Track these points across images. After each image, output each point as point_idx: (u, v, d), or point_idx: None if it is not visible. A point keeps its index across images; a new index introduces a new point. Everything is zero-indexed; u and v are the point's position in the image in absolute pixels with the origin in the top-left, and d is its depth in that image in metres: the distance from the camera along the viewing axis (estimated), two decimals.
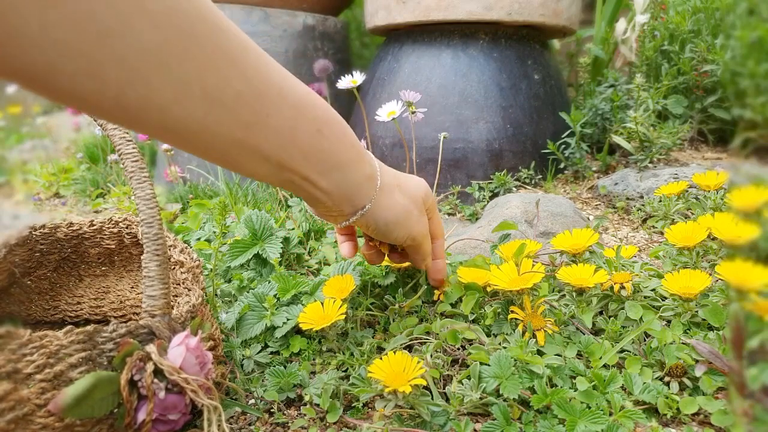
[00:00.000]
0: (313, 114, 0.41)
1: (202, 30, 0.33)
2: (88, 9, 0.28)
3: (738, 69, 1.18)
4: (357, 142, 0.46)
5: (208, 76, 0.34)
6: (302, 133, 0.40)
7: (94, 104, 0.32)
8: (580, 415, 0.45)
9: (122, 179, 1.45)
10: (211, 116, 0.35)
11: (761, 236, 0.44)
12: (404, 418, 0.47)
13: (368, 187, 0.47)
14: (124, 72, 0.30)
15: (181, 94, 0.33)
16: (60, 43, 0.28)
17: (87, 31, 0.28)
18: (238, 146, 0.38)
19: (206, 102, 0.34)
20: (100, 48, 0.29)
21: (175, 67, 0.32)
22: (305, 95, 0.41)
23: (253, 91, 0.36)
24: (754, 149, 1.20)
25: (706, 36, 1.26)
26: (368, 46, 2.19)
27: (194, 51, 0.33)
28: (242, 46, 0.36)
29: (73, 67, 0.29)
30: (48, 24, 0.27)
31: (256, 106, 0.37)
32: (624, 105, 1.22)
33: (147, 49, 0.30)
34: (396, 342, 0.56)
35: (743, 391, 0.33)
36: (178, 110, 0.34)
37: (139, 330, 0.44)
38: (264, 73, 0.37)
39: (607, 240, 0.89)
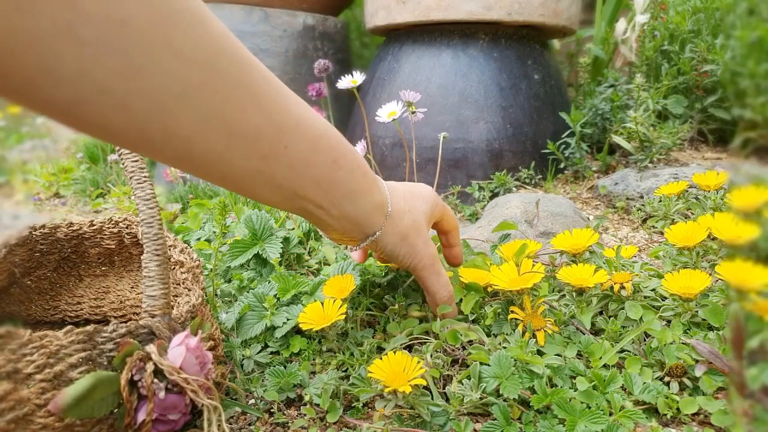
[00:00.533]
0: (328, 145, 0.42)
1: (225, 65, 0.34)
2: (122, 47, 0.29)
3: (738, 69, 1.18)
4: (369, 170, 0.47)
5: (229, 109, 0.35)
6: (317, 163, 0.41)
7: (120, 136, 0.33)
8: (580, 415, 0.45)
9: (122, 179, 1.45)
10: (231, 148, 0.36)
11: (761, 236, 0.44)
12: (404, 418, 0.47)
13: (378, 215, 0.48)
14: (150, 105, 0.31)
15: (203, 127, 0.34)
16: (92, 79, 0.29)
17: (119, 68, 0.29)
18: (254, 176, 0.39)
19: (226, 134, 0.35)
20: (129, 83, 0.30)
21: (196, 101, 0.33)
22: (322, 126, 0.42)
23: (271, 124, 0.37)
24: (754, 149, 1.20)
25: (706, 36, 1.27)
26: (368, 46, 2.19)
27: (216, 85, 0.34)
28: (263, 79, 0.37)
29: (103, 101, 0.30)
30: (82, 61, 0.28)
31: (274, 138, 0.38)
32: (624, 105, 1.22)
33: (170, 82, 0.31)
34: (396, 342, 0.56)
35: (743, 391, 0.33)
36: (199, 142, 0.35)
37: (139, 330, 0.44)
38: (283, 105, 0.38)
39: (607, 240, 0.89)
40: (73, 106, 0.30)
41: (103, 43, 0.28)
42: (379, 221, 0.49)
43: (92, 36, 0.28)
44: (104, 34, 0.28)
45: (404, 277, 0.68)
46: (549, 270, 0.67)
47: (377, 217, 0.48)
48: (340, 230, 0.48)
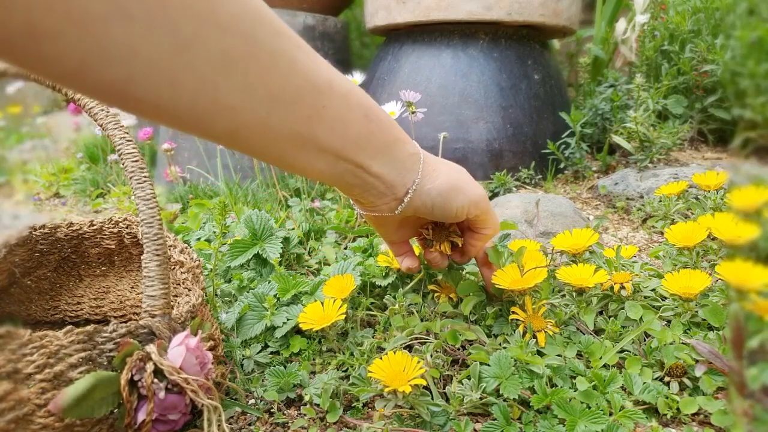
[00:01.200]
0: (357, 101, 0.43)
1: (262, 34, 0.35)
2: (169, 22, 0.30)
3: (738, 69, 1.18)
4: (395, 123, 0.48)
5: (269, 75, 0.36)
6: (353, 120, 0.42)
7: (170, 112, 0.34)
8: (580, 415, 0.45)
9: (122, 179, 1.45)
10: (275, 114, 0.37)
11: (761, 236, 0.44)
12: (404, 418, 0.47)
13: (413, 162, 0.49)
14: (196, 78, 0.32)
15: (248, 95, 0.35)
16: (141, 56, 0.30)
17: (166, 43, 0.30)
18: (298, 141, 0.40)
19: (269, 100, 0.36)
20: (176, 58, 0.31)
21: (240, 70, 0.34)
22: (348, 84, 0.43)
23: (309, 86, 0.38)
24: (754, 149, 1.20)
25: (706, 36, 1.26)
26: (368, 46, 2.19)
27: (257, 54, 0.35)
28: (296, 45, 0.38)
29: (152, 78, 0.31)
30: (132, 37, 0.29)
31: (313, 99, 0.39)
32: (624, 105, 1.22)
33: (215, 54, 0.32)
34: (396, 342, 0.55)
35: (743, 391, 0.33)
36: (245, 110, 0.36)
37: (139, 330, 0.44)
38: (316, 68, 0.39)
39: (607, 240, 0.89)
40: (124, 84, 0.30)
41: (151, 20, 0.29)
42: (416, 168, 0.49)
43: (141, 13, 0.29)
44: (151, 11, 0.29)
45: (405, 277, 0.68)
46: (549, 270, 0.67)
47: (413, 164, 0.49)
48: (382, 188, 0.48)
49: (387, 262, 0.67)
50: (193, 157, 1.35)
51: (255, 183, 1.19)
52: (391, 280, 0.66)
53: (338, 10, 1.64)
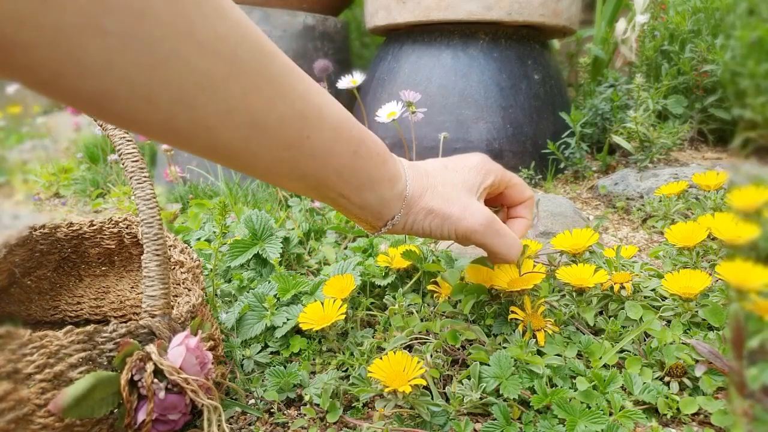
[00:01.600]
0: (349, 134, 0.42)
1: (247, 55, 0.34)
2: (145, 39, 0.29)
3: (738, 69, 1.18)
4: (388, 158, 0.47)
5: (251, 100, 0.35)
6: (339, 153, 0.42)
7: (145, 126, 0.33)
8: (580, 415, 0.45)
9: (122, 179, 1.45)
10: (255, 138, 0.36)
11: (761, 236, 0.44)
12: (404, 418, 0.47)
13: (396, 201, 0.48)
14: (172, 96, 0.32)
15: (227, 118, 0.34)
16: (116, 71, 0.29)
17: (142, 60, 0.30)
18: (278, 166, 0.39)
19: (250, 125, 0.36)
20: (152, 74, 0.30)
21: (220, 92, 0.33)
22: (342, 116, 0.42)
23: (294, 114, 0.38)
24: (754, 149, 1.20)
25: (706, 36, 1.26)
26: (368, 46, 2.19)
27: (239, 76, 0.34)
28: (286, 70, 0.37)
29: (127, 92, 0.30)
30: (106, 52, 0.28)
31: (297, 129, 0.38)
32: (624, 105, 1.22)
33: (194, 74, 0.32)
34: (396, 342, 0.55)
35: (743, 391, 0.33)
36: (223, 132, 0.35)
37: (139, 330, 0.44)
38: (305, 95, 0.38)
39: (607, 240, 0.89)
40: (99, 97, 0.30)
41: (126, 35, 0.28)
42: (397, 206, 0.48)
43: (116, 27, 0.28)
44: (127, 26, 0.28)
45: (404, 277, 0.68)
46: (549, 270, 0.67)
47: (396, 202, 0.48)
48: (362, 217, 0.48)
49: (387, 262, 0.67)
50: (193, 157, 1.35)
51: (255, 183, 1.19)
52: (391, 280, 0.66)
53: (338, 10, 1.64)
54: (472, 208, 0.50)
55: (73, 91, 0.29)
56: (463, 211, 0.50)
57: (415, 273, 0.67)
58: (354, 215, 0.48)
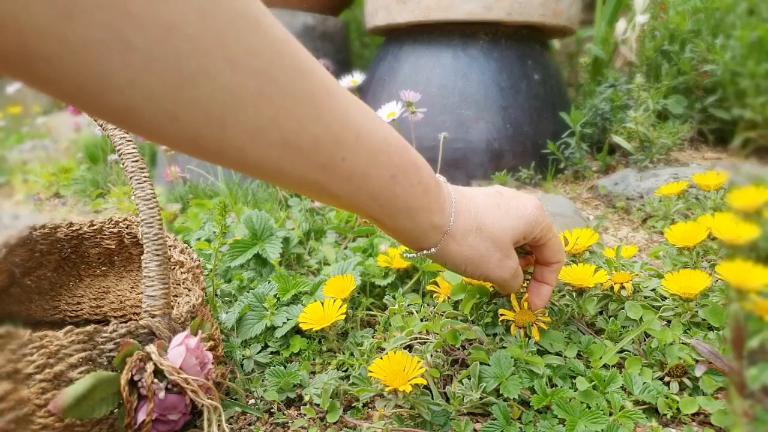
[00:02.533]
0: (388, 159, 0.40)
1: (281, 72, 0.32)
2: (172, 55, 0.28)
3: (738, 69, 1.18)
4: (431, 187, 0.44)
5: (284, 119, 0.33)
6: (375, 178, 0.40)
7: (172, 142, 0.32)
8: (580, 415, 0.45)
9: (122, 179, 1.45)
10: (286, 159, 0.35)
11: (761, 236, 0.44)
12: (404, 418, 0.47)
13: (434, 233, 0.45)
14: (200, 115, 0.30)
15: (257, 137, 0.33)
16: (141, 87, 0.28)
17: (168, 77, 0.28)
18: (311, 185, 0.38)
19: (281, 145, 0.34)
20: (178, 92, 0.29)
21: (250, 111, 0.32)
22: (383, 139, 0.40)
23: (329, 136, 0.36)
24: (754, 149, 1.20)
25: (706, 36, 1.26)
26: (368, 46, 2.19)
27: (270, 95, 0.32)
28: (322, 87, 0.35)
29: (153, 109, 0.29)
30: (131, 69, 0.27)
31: (332, 151, 0.36)
32: (624, 105, 1.22)
33: (223, 92, 0.30)
34: (396, 342, 0.56)
35: (743, 391, 0.33)
36: (253, 152, 0.34)
37: (139, 330, 0.44)
38: (343, 116, 0.37)
39: (607, 240, 0.89)
40: (124, 112, 0.29)
41: (152, 51, 0.27)
42: (435, 239, 0.45)
43: (141, 43, 0.27)
44: (153, 41, 0.27)
45: (404, 277, 0.68)
46: None
47: (433, 235, 0.45)
48: (395, 238, 0.46)
49: (387, 262, 0.67)
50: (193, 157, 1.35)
51: (255, 183, 1.19)
52: (391, 280, 0.67)
53: (338, 10, 1.64)
54: (509, 259, 0.49)
55: (98, 105, 0.29)
56: (500, 261, 0.48)
57: (415, 273, 0.67)
58: (389, 234, 0.46)
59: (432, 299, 0.64)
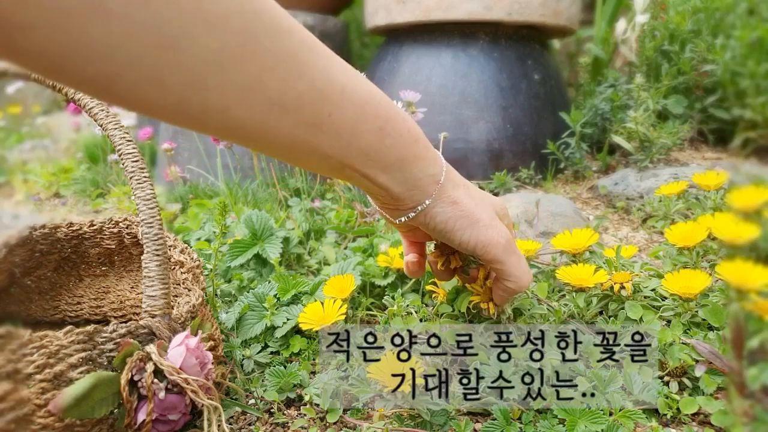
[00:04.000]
0: (375, 111, 0.40)
1: (261, 32, 0.32)
2: (152, 19, 0.28)
3: (738, 69, 1.18)
4: (421, 137, 0.44)
5: (267, 78, 0.33)
6: (364, 131, 0.40)
7: (156, 109, 0.32)
8: (580, 415, 0.45)
9: (122, 179, 1.45)
10: (272, 118, 0.35)
11: (761, 236, 0.44)
12: (404, 418, 0.47)
13: (429, 183, 0.45)
14: (183, 78, 0.31)
15: (242, 97, 0.33)
16: (123, 54, 0.28)
17: (149, 41, 0.29)
18: (299, 145, 0.38)
19: (267, 104, 0.34)
20: (160, 56, 0.29)
21: (233, 71, 0.32)
22: (368, 92, 0.40)
23: (314, 92, 0.36)
24: (754, 149, 1.20)
25: (706, 36, 1.26)
26: (368, 46, 2.19)
27: (252, 54, 0.32)
28: (302, 44, 0.35)
29: (135, 75, 0.29)
30: (111, 35, 0.27)
31: (318, 107, 0.36)
32: (624, 105, 1.21)
33: (205, 54, 0.31)
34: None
35: (743, 391, 0.33)
36: (238, 113, 0.34)
37: (139, 330, 0.44)
38: (325, 72, 0.37)
39: (607, 240, 0.89)
40: (105, 81, 0.29)
41: (131, 16, 0.27)
42: (429, 190, 0.44)
43: (120, 9, 0.27)
44: (132, 7, 0.27)
45: (404, 277, 0.68)
46: (549, 270, 0.67)
47: (427, 185, 0.44)
48: (387, 198, 0.45)
49: (387, 262, 0.67)
50: (193, 157, 1.35)
51: (255, 183, 1.19)
52: (391, 280, 0.67)
53: (338, 10, 1.64)
54: (497, 221, 0.48)
55: (78, 74, 0.29)
56: (491, 220, 0.47)
57: None
58: (376, 195, 0.45)
59: (431, 299, 0.64)
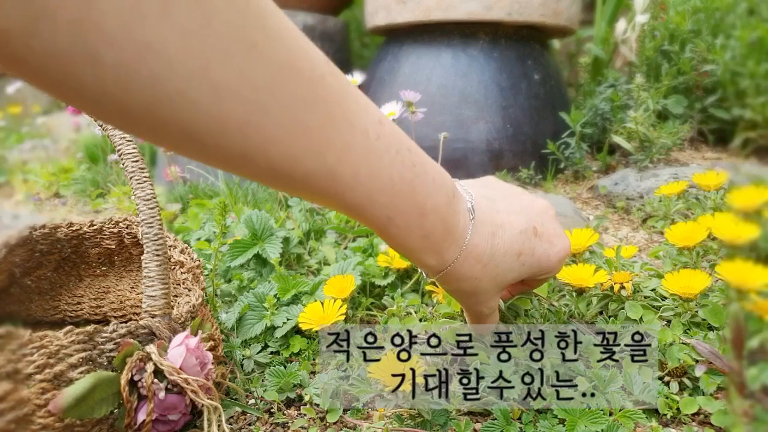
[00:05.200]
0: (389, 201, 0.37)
1: (274, 104, 0.30)
2: (149, 74, 0.26)
3: (738, 69, 1.18)
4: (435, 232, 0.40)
5: (274, 151, 0.31)
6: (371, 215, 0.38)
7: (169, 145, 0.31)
8: (580, 415, 0.45)
9: (122, 179, 1.45)
10: (277, 187, 0.34)
11: (761, 236, 0.44)
12: (404, 418, 0.47)
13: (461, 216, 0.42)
14: (179, 134, 0.29)
15: (240, 164, 0.32)
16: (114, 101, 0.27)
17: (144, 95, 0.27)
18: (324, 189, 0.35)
19: (269, 173, 0.32)
20: (155, 111, 0.28)
21: (236, 138, 0.30)
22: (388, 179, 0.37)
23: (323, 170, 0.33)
24: (754, 149, 1.20)
25: (706, 36, 1.26)
26: (368, 46, 2.19)
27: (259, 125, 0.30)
28: (329, 120, 0.33)
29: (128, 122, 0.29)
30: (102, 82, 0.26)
31: (323, 184, 0.34)
32: (624, 105, 1.21)
33: (205, 117, 0.29)
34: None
35: (743, 391, 0.33)
36: (234, 173, 0.33)
37: (139, 330, 0.44)
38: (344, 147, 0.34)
39: (607, 240, 0.89)
40: (106, 118, 0.28)
41: (124, 68, 0.25)
42: (465, 222, 0.41)
43: (112, 59, 0.25)
44: (126, 60, 0.25)
45: (404, 277, 0.68)
46: None
47: (461, 217, 0.42)
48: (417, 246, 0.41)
49: (387, 262, 0.67)
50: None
51: (255, 183, 1.19)
52: (391, 280, 0.66)
53: (338, 10, 1.64)
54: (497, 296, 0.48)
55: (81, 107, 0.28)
56: (495, 295, 0.47)
57: (415, 273, 0.67)
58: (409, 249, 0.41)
59: (431, 299, 0.64)
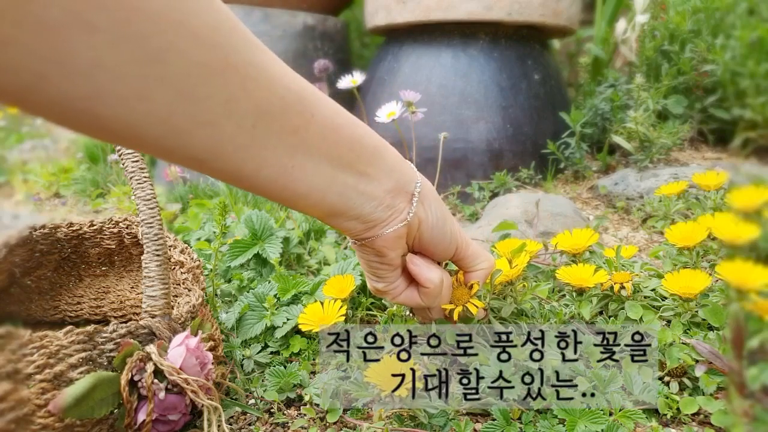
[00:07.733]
0: (340, 107, 0.41)
1: (240, 44, 0.33)
2: (138, 33, 0.28)
3: (738, 69, 1.18)
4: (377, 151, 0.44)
5: (254, 88, 0.34)
6: (343, 125, 0.41)
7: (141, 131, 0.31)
8: (580, 415, 0.45)
9: (122, 179, 1.45)
10: (261, 126, 0.35)
11: (761, 236, 0.44)
12: (404, 418, 0.47)
13: (407, 167, 0.46)
14: (170, 93, 0.30)
15: (230, 109, 0.33)
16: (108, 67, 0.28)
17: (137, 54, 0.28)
18: (289, 152, 0.37)
19: (255, 113, 0.34)
20: (147, 70, 0.29)
21: (220, 83, 0.32)
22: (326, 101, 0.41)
23: (293, 96, 0.37)
24: (754, 149, 1.20)
25: (706, 36, 1.26)
26: (368, 46, 2.19)
27: (237, 65, 0.33)
28: (272, 57, 0.36)
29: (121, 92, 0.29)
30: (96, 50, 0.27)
31: (300, 109, 0.37)
32: (624, 105, 1.22)
33: (193, 67, 0.31)
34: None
35: (743, 391, 0.33)
36: (227, 127, 0.33)
37: (139, 330, 0.44)
38: (295, 78, 0.38)
39: (607, 240, 0.89)
40: (88, 101, 0.28)
41: (116, 31, 0.27)
42: (412, 172, 0.46)
43: (105, 24, 0.26)
44: (117, 22, 0.27)
45: None
46: (549, 270, 0.67)
47: (410, 167, 0.46)
48: (384, 199, 0.44)
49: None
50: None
51: None
52: None
53: (338, 10, 1.64)
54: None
55: (60, 95, 0.27)
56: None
57: None
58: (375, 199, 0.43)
59: None
